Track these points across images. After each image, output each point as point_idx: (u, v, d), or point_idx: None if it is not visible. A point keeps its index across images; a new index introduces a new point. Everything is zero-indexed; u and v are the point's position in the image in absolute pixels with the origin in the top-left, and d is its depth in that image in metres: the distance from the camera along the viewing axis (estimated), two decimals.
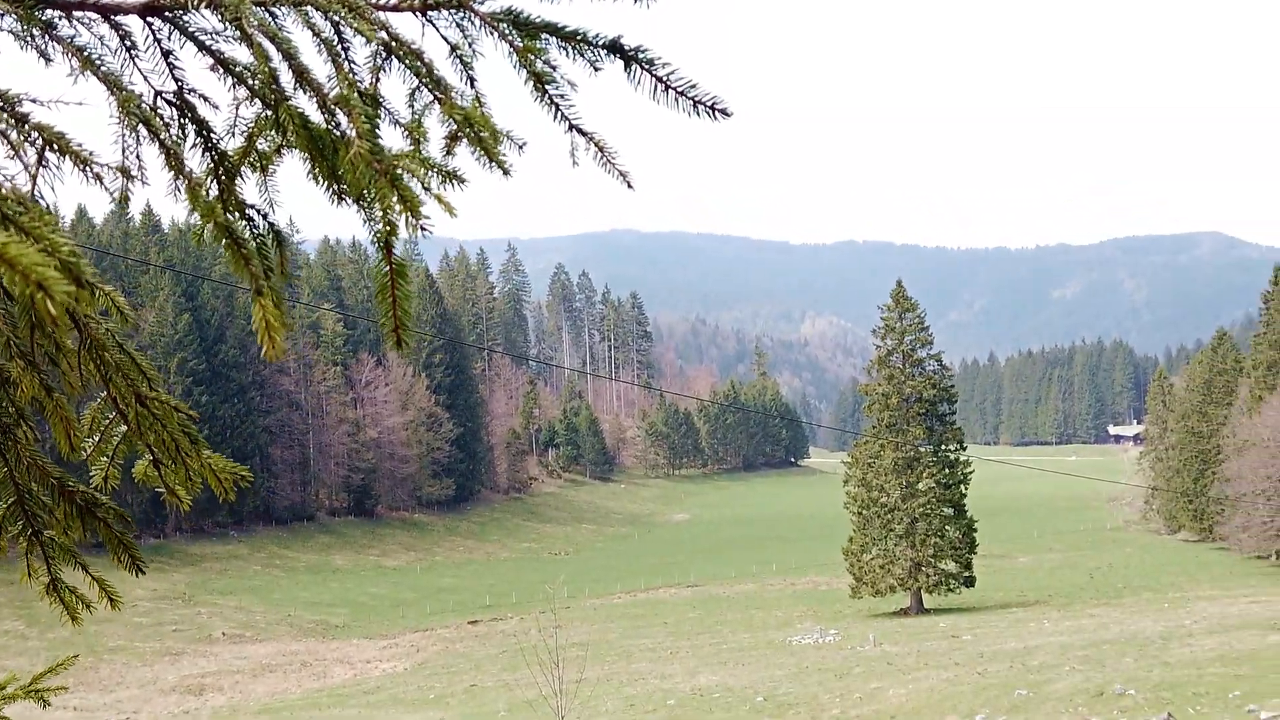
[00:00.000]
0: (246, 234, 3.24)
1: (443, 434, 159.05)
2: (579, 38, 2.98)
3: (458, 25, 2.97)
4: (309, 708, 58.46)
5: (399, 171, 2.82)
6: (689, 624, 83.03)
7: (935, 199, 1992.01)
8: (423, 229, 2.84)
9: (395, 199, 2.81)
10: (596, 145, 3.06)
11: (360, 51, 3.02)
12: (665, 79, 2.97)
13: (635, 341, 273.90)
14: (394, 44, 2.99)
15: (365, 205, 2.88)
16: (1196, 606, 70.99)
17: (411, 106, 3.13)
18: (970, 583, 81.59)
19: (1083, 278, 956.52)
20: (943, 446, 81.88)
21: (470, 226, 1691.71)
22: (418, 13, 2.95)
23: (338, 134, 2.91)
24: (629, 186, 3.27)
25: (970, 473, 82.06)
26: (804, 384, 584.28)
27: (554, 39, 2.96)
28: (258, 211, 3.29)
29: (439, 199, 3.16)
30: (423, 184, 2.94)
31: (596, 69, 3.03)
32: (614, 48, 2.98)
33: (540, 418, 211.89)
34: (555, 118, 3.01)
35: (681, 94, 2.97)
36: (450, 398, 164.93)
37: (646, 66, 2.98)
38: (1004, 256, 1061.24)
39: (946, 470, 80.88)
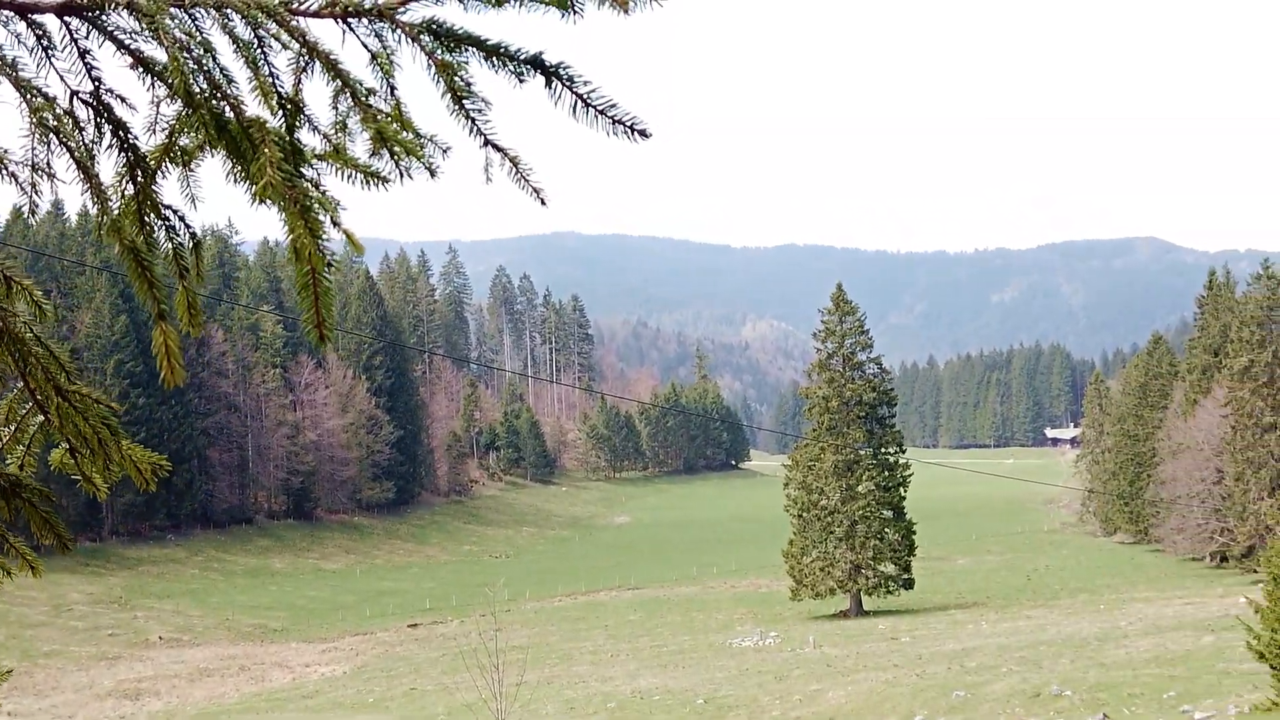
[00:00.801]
0: (162, 237, 3.21)
1: (383, 436, 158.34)
2: (501, 51, 2.96)
3: (377, 35, 2.94)
4: (246, 712, 58.05)
5: (309, 202, 2.81)
6: (630, 626, 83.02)
7: (876, 203, 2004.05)
8: (331, 256, 2.83)
9: (303, 225, 2.80)
10: (511, 161, 3.05)
11: (281, 56, 3.00)
12: (585, 96, 2.96)
13: (576, 344, 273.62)
14: (313, 51, 2.96)
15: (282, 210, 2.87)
16: (1132, 608, 71.66)
17: (335, 109, 3.11)
18: (909, 585, 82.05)
19: (1021, 282, 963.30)
20: (882, 449, 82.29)
21: (411, 228, 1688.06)
22: (338, 20, 2.93)
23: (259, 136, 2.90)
24: (542, 203, 3.26)
25: (909, 475, 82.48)
26: (745, 387, 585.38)
27: (476, 52, 2.94)
28: (175, 213, 3.25)
29: (348, 236, 3.15)
30: (331, 216, 2.92)
31: (521, 82, 3.01)
32: (535, 63, 2.96)
33: (481, 420, 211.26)
34: (471, 133, 2.99)
35: (601, 112, 2.95)
36: (391, 400, 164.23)
37: (567, 83, 2.97)
38: (943, 260, 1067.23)
39: (886, 473, 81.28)
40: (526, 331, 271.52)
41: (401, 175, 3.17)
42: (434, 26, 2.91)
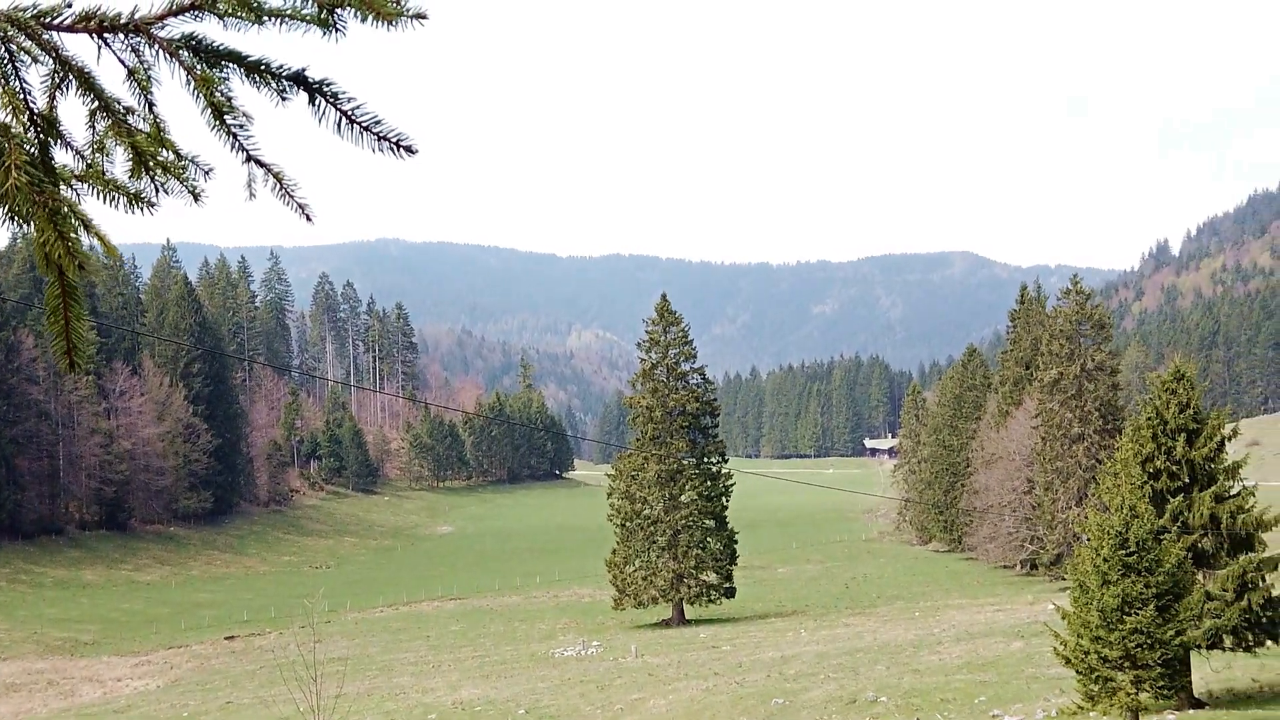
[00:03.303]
0: None
1: (200, 445, 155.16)
2: (263, 68, 2.92)
3: (134, 50, 2.87)
4: None
5: (59, 205, 2.76)
6: (452, 637, 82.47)
7: (700, 215, 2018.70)
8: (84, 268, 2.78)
9: (55, 235, 2.75)
10: (275, 177, 3.01)
11: (34, 70, 2.91)
12: (350, 113, 2.94)
13: (400, 353, 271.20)
14: (67, 65, 2.90)
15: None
16: (946, 615, 73.15)
17: (93, 128, 3.04)
18: (731, 594, 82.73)
19: (842, 294, 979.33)
20: (705, 459, 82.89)
21: (231, 234, 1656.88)
22: (94, 34, 2.85)
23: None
24: (308, 220, 3.22)
25: (732, 485, 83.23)
26: (570, 396, 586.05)
27: (238, 68, 2.90)
28: None
29: (102, 240, 3.09)
30: (85, 225, 2.87)
31: (284, 99, 2.97)
32: (298, 79, 2.93)
33: (303, 429, 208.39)
34: (233, 148, 2.95)
35: (366, 129, 2.94)
36: (209, 408, 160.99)
37: (331, 100, 2.94)
38: (766, 272, 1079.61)
39: (709, 482, 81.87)
40: (350, 339, 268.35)
41: (156, 192, 3.11)
42: (193, 42, 2.86)
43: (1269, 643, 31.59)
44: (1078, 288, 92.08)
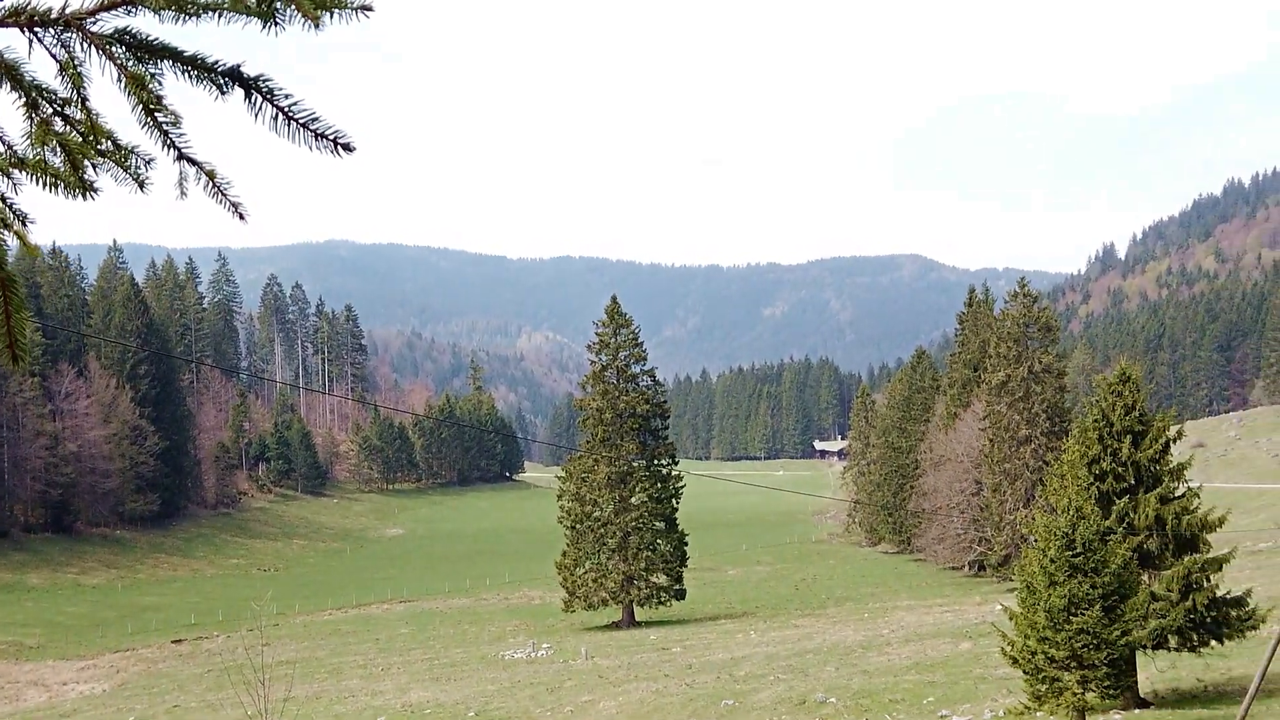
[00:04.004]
0: None
1: (147, 447, 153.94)
2: (198, 63, 2.90)
3: (64, 45, 2.84)
4: None
5: None
6: (401, 640, 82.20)
7: (651, 217, 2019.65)
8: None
9: None
10: (207, 175, 2.99)
11: None
12: (287, 110, 2.92)
13: (350, 355, 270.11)
14: None
15: None
16: (895, 616, 73.47)
17: (30, 119, 3.01)
18: (681, 595, 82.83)
19: (792, 296, 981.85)
20: (655, 461, 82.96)
21: (178, 235, 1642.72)
22: (24, 29, 2.82)
23: None
24: (241, 218, 3.20)
25: (682, 487, 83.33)
26: (520, 398, 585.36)
27: (173, 64, 2.87)
28: None
29: (21, 238, 3.06)
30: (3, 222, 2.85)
31: (223, 94, 2.96)
32: (234, 75, 2.92)
33: (251, 431, 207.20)
34: (164, 146, 2.93)
35: (303, 126, 2.92)
36: (156, 410, 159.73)
37: (267, 96, 2.92)
38: (717, 274, 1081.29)
39: (659, 485, 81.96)
40: (298, 341, 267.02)
41: (87, 189, 3.08)
42: (126, 37, 2.84)
43: (1213, 643, 31.85)
44: (1025, 291, 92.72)
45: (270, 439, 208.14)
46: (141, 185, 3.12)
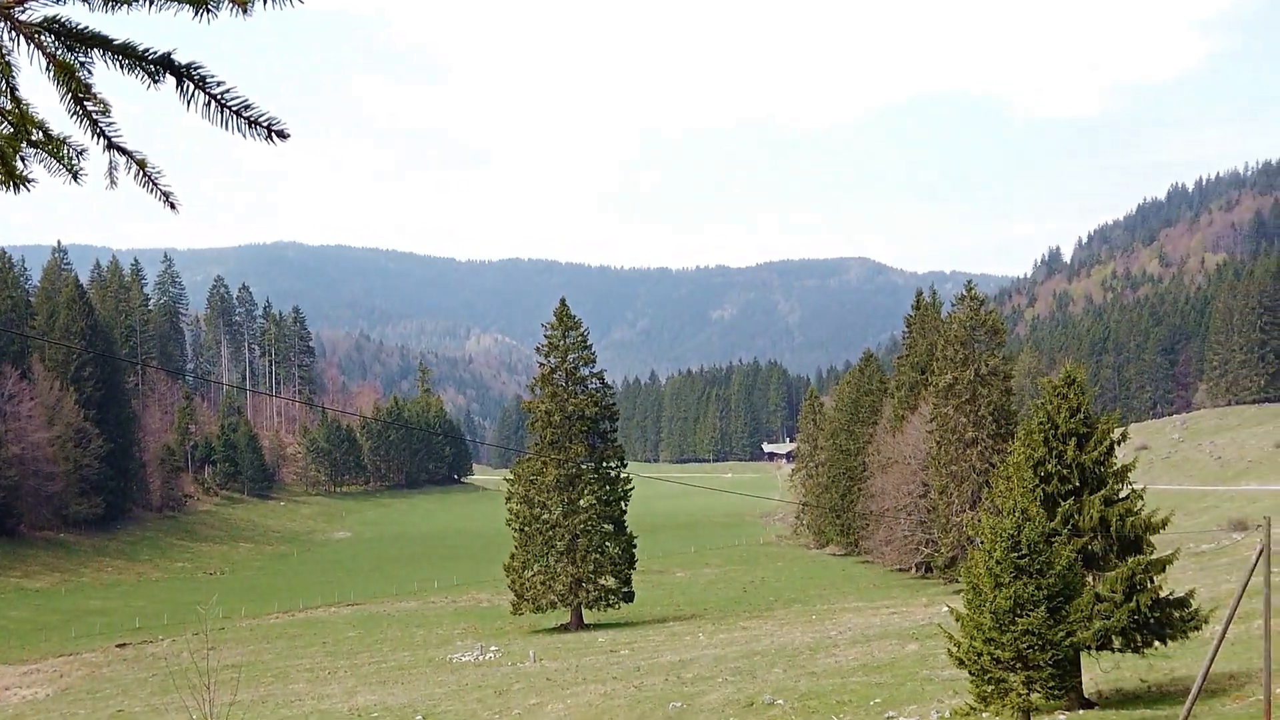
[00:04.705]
0: None
1: (92, 450, 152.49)
2: (129, 51, 2.88)
3: None
4: None
5: None
6: (348, 643, 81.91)
7: (600, 219, 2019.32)
8: None
9: None
10: (138, 164, 2.97)
11: None
12: (219, 97, 2.90)
13: (297, 357, 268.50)
14: None
15: None
16: (842, 618, 73.76)
17: None
18: (629, 598, 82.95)
19: (740, 299, 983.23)
20: (604, 464, 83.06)
21: (124, 235, 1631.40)
22: None
23: None
24: (172, 208, 3.18)
25: (630, 489, 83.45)
26: (469, 401, 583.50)
27: (103, 52, 2.84)
28: None
29: None
30: None
31: (155, 82, 2.93)
32: (165, 63, 2.89)
33: (197, 433, 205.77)
34: (93, 135, 2.90)
35: (236, 113, 2.91)
36: (101, 412, 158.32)
37: (199, 84, 2.90)
38: (666, 277, 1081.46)
39: (607, 487, 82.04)
40: (245, 343, 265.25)
41: (17, 184, 3.04)
42: (55, 25, 2.80)
43: (1156, 643, 32.14)
44: (972, 294, 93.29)
45: (216, 441, 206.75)
46: (75, 176, 3.09)
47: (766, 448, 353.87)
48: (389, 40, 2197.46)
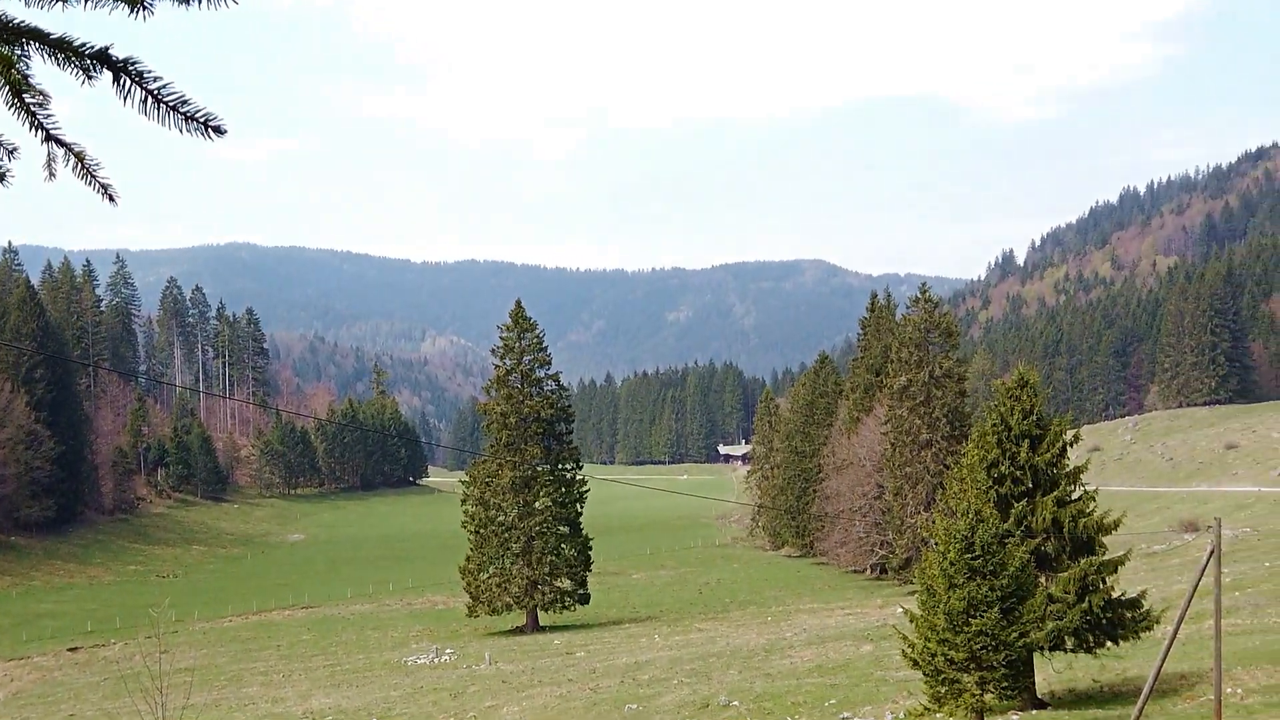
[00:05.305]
0: None
1: (43, 452, 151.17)
2: (66, 45, 2.86)
3: None
4: None
5: None
6: (303, 646, 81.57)
7: (555, 221, 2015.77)
8: None
9: None
10: (76, 156, 2.95)
11: None
12: (156, 93, 2.89)
13: (251, 358, 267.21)
14: None
15: None
16: (797, 619, 73.99)
17: None
18: (585, 600, 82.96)
19: (696, 301, 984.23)
20: (560, 465, 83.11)
21: (76, 236, 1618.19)
22: None
23: None
24: (111, 200, 3.17)
25: (586, 491, 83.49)
26: (424, 403, 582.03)
27: (40, 46, 2.83)
28: None
29: None
30: None
31: (90, 78, 2.92)
32: (102, 57, 2.88)
33: (150, 435, 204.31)
34: (31, 127, 2.89)
35: (173, 108, 2.89)
36: (52, 414, 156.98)
37: (136, 79, 2.89)
38: (622, 279, 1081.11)
39: (563, 489, 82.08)
40: (199, 345, 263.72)
41: None
42: None
43: (1109, 644, 32.37)
44: (926, 296, 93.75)
45: (169, 444, 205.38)
46: (2, 178, 3.07)
47: (722, 449, 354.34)
48: (347, 39, 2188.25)
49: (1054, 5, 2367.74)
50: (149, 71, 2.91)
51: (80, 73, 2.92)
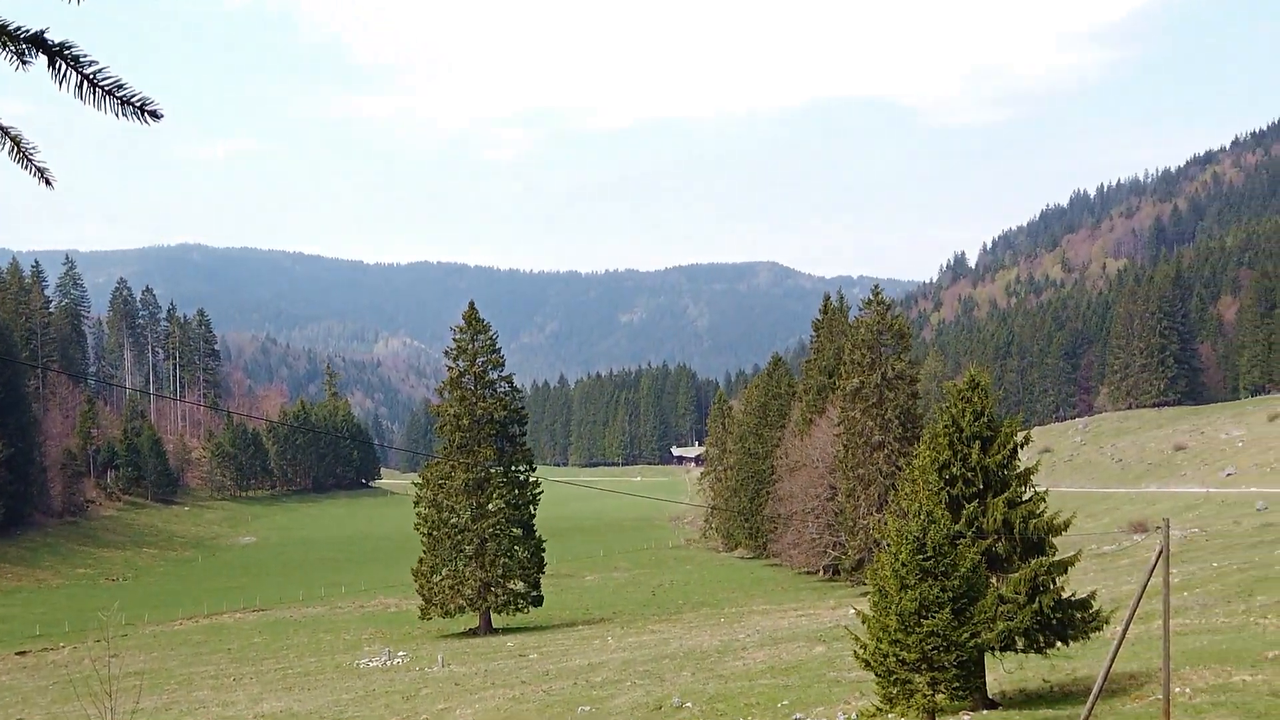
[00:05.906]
0: None
1: None
2: (0, 29, 2.86)
3: None
4: None
5: None
6: (254, 649, 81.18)
7: (509, 223, 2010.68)
8: None
9: None
10: (12, 139, 2.95)
11: None
12: (92, 77, 2.89)
13: (202, 360, 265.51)
14: None
15: None
16: (750, 621, 74.14)
17: None
18: (538, 602, 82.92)
19: (650, 303, 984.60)
20: (513, 467, 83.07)
21: (24, 236, 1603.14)
22: None
23: None
24: (47, 184, 3.16)
25: (539, 493, 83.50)
26: (376, 405, 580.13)
27: None
28: None
29: None
30: None
31: (24, 63, 2.91)
32: (37, 41, 2.88)
33: (99, 438, 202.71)
34: None
35: (109, 93, 2.90)
36: (0, 416, 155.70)
37: (72, 63, 2.89)
38: (575, 280, 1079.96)
39: (516, 491, 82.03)
40: (149, 347, 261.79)
41: None
42: None
43: (1059, 644, 32.55)
44: (879, 298, 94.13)
45: (119, 446, 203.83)
46: None
47: (676, 451, 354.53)
48: (295, 40, 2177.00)
49: (1005, 9, 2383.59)
50: (85, 55, 2.90)
51: (15, 57, 2.91)
